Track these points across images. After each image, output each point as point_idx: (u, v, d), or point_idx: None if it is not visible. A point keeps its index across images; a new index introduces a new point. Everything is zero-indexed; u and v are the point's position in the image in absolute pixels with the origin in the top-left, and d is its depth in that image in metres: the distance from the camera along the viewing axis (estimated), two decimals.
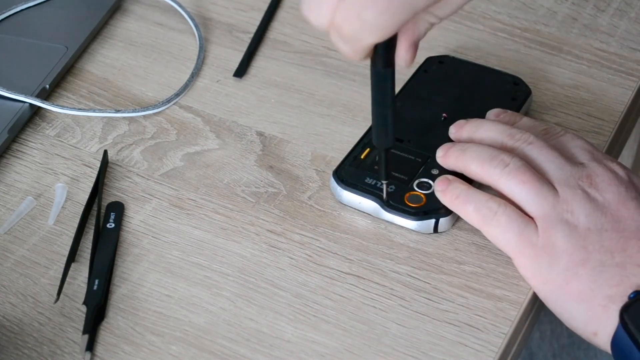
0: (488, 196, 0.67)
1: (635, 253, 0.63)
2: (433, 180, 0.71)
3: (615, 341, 0.62)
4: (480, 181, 0.69)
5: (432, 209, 0.70)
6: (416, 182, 0.71)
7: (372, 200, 0.70)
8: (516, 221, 0.66)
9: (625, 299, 0.62)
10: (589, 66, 0.83)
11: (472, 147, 0.69)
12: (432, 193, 0.70)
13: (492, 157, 0.68)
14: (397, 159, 0.73)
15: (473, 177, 0.69)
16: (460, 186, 0.68)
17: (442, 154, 0.71)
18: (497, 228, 0.66)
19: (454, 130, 0.73)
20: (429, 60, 0.81)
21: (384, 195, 0.70)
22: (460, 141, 0.72)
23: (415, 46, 0.62)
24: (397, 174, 0.71)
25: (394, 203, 0.70)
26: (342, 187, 0.71)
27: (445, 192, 0.69)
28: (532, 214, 0.66)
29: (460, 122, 0.73)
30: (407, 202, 0.70)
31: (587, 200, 0.65)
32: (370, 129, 0.75)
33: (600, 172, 0.67)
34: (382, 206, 0.70)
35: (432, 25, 0.62)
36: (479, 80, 0.79)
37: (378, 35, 0.58)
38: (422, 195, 0.70)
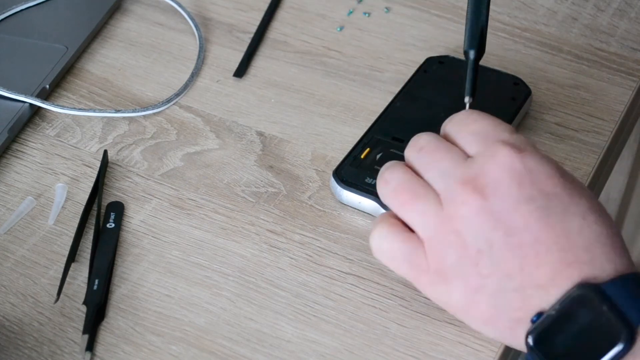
0: (383, 217, 0.62)
1: (533, 270, 0.57)
2: None
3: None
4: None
5: None
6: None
7: (372, 200, 0.70)
8: (401, 249, 0.61)
9: (529, 318, 0.57)
10: (589, 66, 0.83)
11: (385, 167, 0.65)
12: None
13: (380, 176, 0.63)
14: (397, 158, 0.73)
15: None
16: (382, 225, 0.63)
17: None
18: (384, 258, 0.62)
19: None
20: (429, 61, 0.81)
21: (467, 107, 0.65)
22: None
23: None
24: None
25: None
26: (342, 187, 0.71)
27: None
28: (420, 237, 0.60)
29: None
30: None
31: (474, 212, 0.58)
32: (370, 128, 0.75)
33: (489, 168, 0.58)
34: (382, 206, 0.70)
35: None
36: (480, 80, 0.79)
37: None
38: None
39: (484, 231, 0.58)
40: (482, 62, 0.81)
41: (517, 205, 0.57)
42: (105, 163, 0.75)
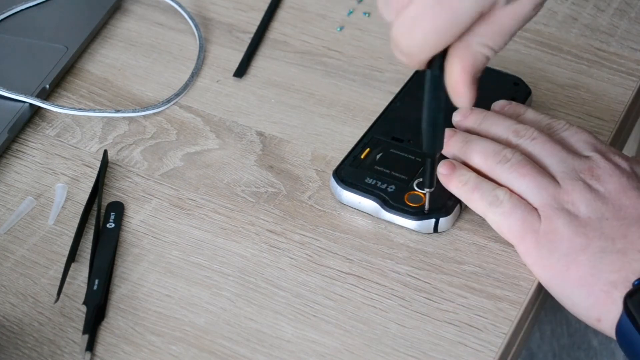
0: (494, 185, 0.68)
1: (636, 239, 0.64)
2: None
3: (619, 328, 0.62)
4: (481, 173, 0.69)
5: (433, 209, 0.70)
6: (416, 182, 0.71)
7: (372, 200, 0.70)
8: (519, 208, 0.67)
9: (628, 285, 0.62)
10: (589, 66, 0.83)
11: (476, 139, 0.70)
12: (432, 192, 0.70)
13: (495, 152, 0.69)
14: (397, 158, 0.73)
15: (476, 167, 0.70)
16: (467, 173, 0.69)
17: (445, 141, 0.70)
18: (501, 215, 0.67)
19: (458, 118, 0.73)
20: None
21: (426, 206, 0.69)
22: (463, 129, 0.72)
23: (475, 81, 0.60)
24: (397, 174, 0.72)
25: (394, 203, 0.70)
26: (342, 187, 0.71)
27: (451, 177, 0.70)
28: (534, 204, 0.67)
29: (465, 110, 0.73)
30: (407, 202, 0.70)
31: (588, 190, 0.66)
32: (370, 128, 0.75)
33: (602, 164, 0.68)
34: (382, 206, 0.70)
35: (487, 58, 0.60)
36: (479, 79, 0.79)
37: (432, 51, 0.58)
38: (422, 195, 0.70)
39: (597, 204, 0.66)
40: None
41: (626, 190, 0.66)
42: (105, 163, 0.75)
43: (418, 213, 0.70)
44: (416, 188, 0.71)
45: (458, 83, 0.59)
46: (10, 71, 0.81)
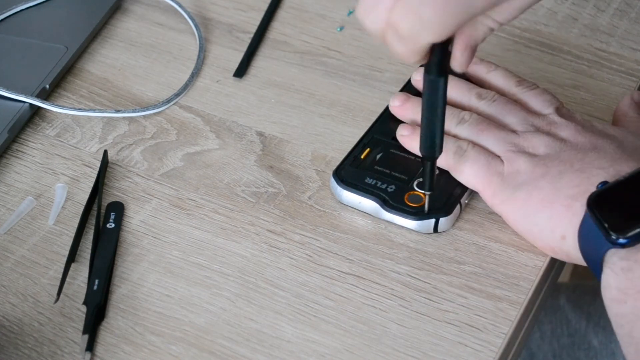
0: (455, 138, 0.70)
1: (594, 160, 0.66)
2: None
3: (581, 233, 0.63)
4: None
5: (432, 209, 0.70)
6: (416, 182, 0.71)
7: (372, 200, 0.70)
8: (483, 155, 0.69)
9: (586, 196, 0.63)
10: (589, 66, 0.83)
11: None
12: (433, 193, 0.70)
13: (452, 115, 0.71)
14: (397, 158, 0.73)
15: None
16: (469, 146, 0.70)
17: (398, 104, 0.74)
18: (466, 163, 0.69)
19: (417, 78, 0.75)
20: None
21: (426, 207, 0.70)
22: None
23: (472, 50, 0.62)
24: (397, 174, 0.71)
25: (394, 203, 0.70)
26: (342, 187, 0.71)
27: (411, 137, 0.72)
28: (496, 153, 0.69)
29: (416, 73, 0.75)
30: (407, 202, 0.70)
31: (547, 136, 0.69)
32: (370, 128, 0.75)
33: (560, 120, 0.70)
34: (382, 206, 0.70)
35: (491, 30, 0.62)
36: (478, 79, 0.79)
37: (436, 34, 0.57)
38: (422, 195, 0.70)
39: (555, 144, 0.68)
40: None
41: (583, 133, 0.69)
42: (105, 163, 0.75)
43: (418, 213, 0.70)
44: (416, 188, 0.71)
45: (454, 47, 0.61)
46: (10, 71, 0.81)
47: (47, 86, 0.80)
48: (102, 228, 0.70)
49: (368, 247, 0.70)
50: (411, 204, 0.70)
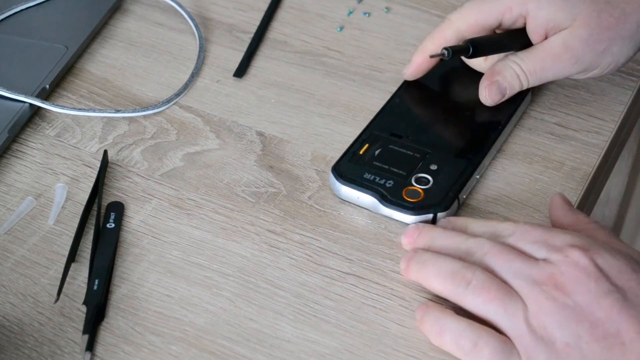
0: (466, 324, 0.62)
1: None
2: (431, 176, 0.71)
3: None
4: (445, 297, 0.65)
5: (430, 204, 0.70)
6: (414, 177, 0.71)
7: (370, 195, 0.70)
8: (500, 353, 0.61)
9: None
10: None
11: (431, 260, 0.65)
12: (430, 188, 0.70)
13: (453, 274, 0.63)
14: (396, 154, 0.73)
15: (436, 293, 0.65)
16: (437, 314, 0.63)
17: (404, 267, 0.67)
18: (467, 356, 0.62)
19: (406, 241, 0.68)
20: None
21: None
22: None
23: (496, 90, 0.75)
24: (395, 169, 0.72)
25: (392, 198, 0.70)
26: (340, 182, 0.71)
27: (422, 320, 0.64)
28: (506, 333, 0.61)
29: (412, 231, 0.68)
30: (405, 197, 0.70)
31: (557, 308, 0.60)
32: (369, 124, 0.75)
33: (564, 269, 0.61)
34: (380, 201, 0.70)
35: (515, 73, 0.74)
36: (478, 76, 0.79)
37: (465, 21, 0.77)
38: (420, 191, 0.70)
39: (570, 325, 0.60)
40: None
41: (598, 299, 0.60)
42: (105, 163, 0.75)
43: (416, 208, 0.70)
44: (414, 183, 0.71)
45: (482, 80, 0.75)
46: (10, 71, 0.81)
47: (47, 86, 0.80)
48: (102, 228, 0.70)
49: (368, 247, 0.70)
50: (409, 199, 0.70)
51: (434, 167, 0.72)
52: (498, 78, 0.74)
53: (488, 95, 0.75)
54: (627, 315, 0.59)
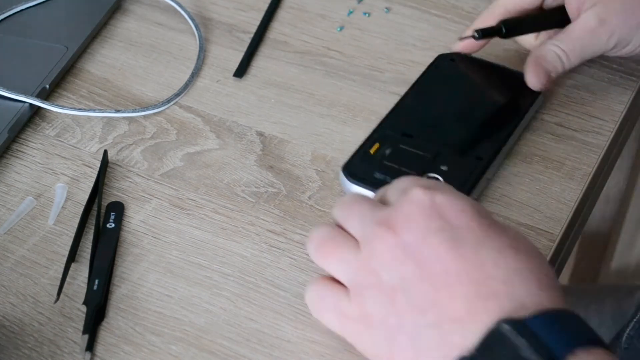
0: (319, 284, 0.61)
1: (447, 303, 0.55)
2: (442, 176, 0.71)
3: None
4: None
5: None
6: (425, 177, 0.71)
7: None
8: (328, 297, 0.60)
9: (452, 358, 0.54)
10: (589, 66, 0.83)
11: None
12: None
13: (310, 236, 0.62)
14: (407, 154, 0.73)
15: None
16: (313, 280, 0.62)
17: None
18: (316, 311, 0.61)
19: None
20: (441, 58, 0.81)
21: None
22: None
23: (543, 73, 0.77)
24: (406, 169, 0.71)
25: None
26: (351, 182, 0.71)
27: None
28: (345, 285, 0.60)
29: None
30: None
31: (387, 250, 0.58)
32: (381, 123, 0.75)
33: (400, 208, 0.59)
34: None
35: (557, 55, 0.77)
36: (489, 77, 0.79)
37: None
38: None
39: (396, 265, 0.57)
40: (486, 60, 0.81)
41: (426, 236, 0.57)
42: (105, 163, 0.75)
43: None
44: None
45: (526, 66, 0.77)
46: (10, 71, 0.81)
47: (47, 86, 0.80)
48: (102, 228, 0.70)
49: None
50: None
51: (444, 167, 0.71)
52: (541, 61, 0.77)
53: (536, 79, 0.77)
54: (456, 254, 0.56)
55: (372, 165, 0.72)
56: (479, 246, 0.56)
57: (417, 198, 0.58)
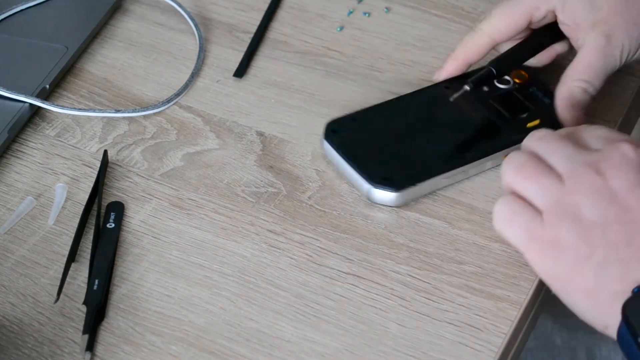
0: (511, 199, 0.66)
1: (639, 247, 0.62)
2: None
3: (619, 335, 0.62)
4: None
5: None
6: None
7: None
8: (520, 215, 0.65)
9: (629, 294, 0.61)
10: None
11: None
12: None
13: (507, 160, 0.67)
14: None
15: None
16: (504, 197, 0.67)
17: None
18: (502, 223, 0.66)
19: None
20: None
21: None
22: None
23: (575, 107, 0.76)
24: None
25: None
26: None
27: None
28: (539, 208, 0.65)
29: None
30: None
31: (593, 190, 0.64)
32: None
33: (610, 156, 0.64)
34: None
35: (583, 90, 0.75)
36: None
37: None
38: None
39: (601, 205, 0.63)
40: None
41: (633, 188, 0.63)
42: (105, 163, 0.75)
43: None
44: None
45: (559, 110, 0.76)
46: (10, 71, 0.81)
47: (47, 86, 0.80)
48: (102, 228, 0.70)
49: (368, 247, 0.70)
50: None
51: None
52: (572, 102, 0.76)
53: (573, 120, 0.76)
54: None
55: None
56: None
57: (628, 152, 0.64)
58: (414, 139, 0.75)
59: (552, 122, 0.75)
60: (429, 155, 0.74)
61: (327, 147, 0.74)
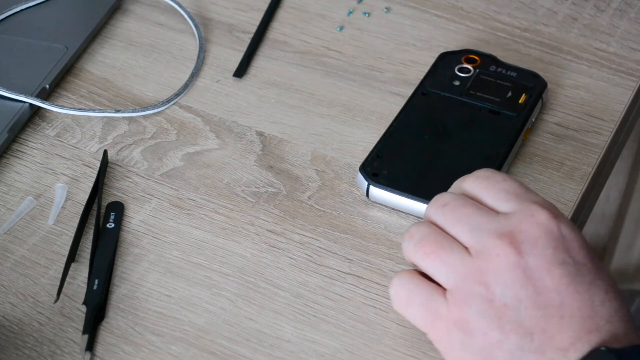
0: (412, 279, 0.61)
1: (556, 334, 0.56)
2: None
3: None
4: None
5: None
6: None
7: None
8: (418, 295, 0.60)
9: None
10: (589, 66, 0.83)
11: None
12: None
13: (407, 234, 0.62)
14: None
15: None
16: (401, 275, 0.62)
17: None
18: (400, 305, 0.61)
19: None
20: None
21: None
22: None
23: None
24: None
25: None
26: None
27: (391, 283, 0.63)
28: (444, 286, 0.59)
29: None
30: None
31: (505, 268, 0.57)
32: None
33: (525, 227, 0.58)
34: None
35: None
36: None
37: None
38: None
39: (515, 286, 0.57)
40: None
41: (550, 266, 0.57)
42: (105, 163, 0.75)
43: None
44: None
45: None
46: (10, 71, 0.81)
47: (47, 86, 0.80)
48: (102, 228, 0.70)
49: (368, 247, 0.70)
50: None
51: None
52: None
53: None
54: (574, 291, 0.57)
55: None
56: (592, 284, 0.58)
57: (544, 222, 0.58)
58: (440, 151, 0.73)
59: (536, 91, 0.77)
60: (464, 163, 0.71)
61: (377, 190, 0.71)
